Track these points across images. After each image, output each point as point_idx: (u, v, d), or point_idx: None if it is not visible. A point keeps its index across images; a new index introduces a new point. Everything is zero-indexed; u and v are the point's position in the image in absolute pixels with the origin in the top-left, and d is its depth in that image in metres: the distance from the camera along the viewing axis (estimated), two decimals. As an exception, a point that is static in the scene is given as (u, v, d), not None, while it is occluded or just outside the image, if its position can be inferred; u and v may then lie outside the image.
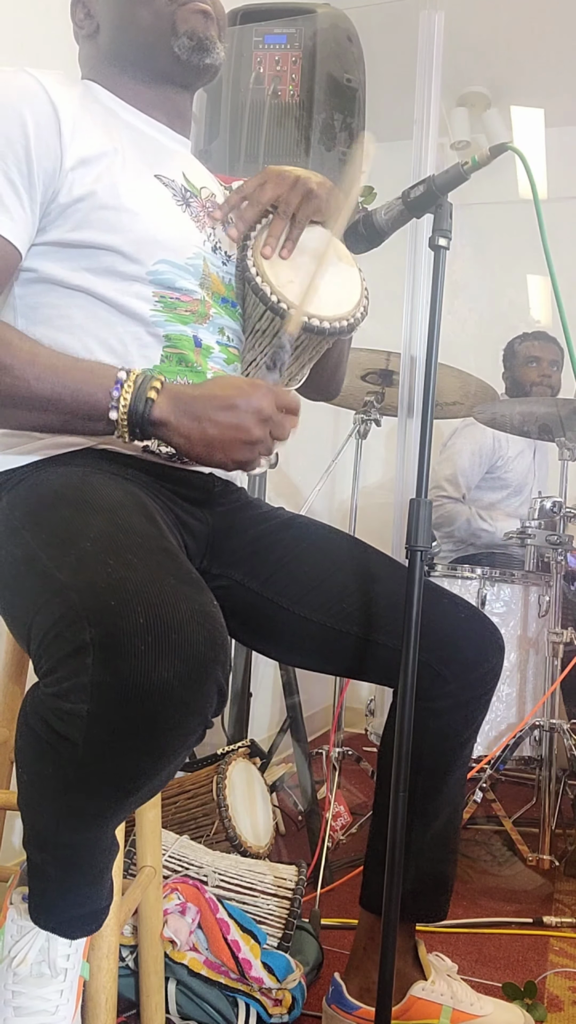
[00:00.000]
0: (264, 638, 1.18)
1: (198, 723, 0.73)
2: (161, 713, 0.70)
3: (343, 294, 1.12)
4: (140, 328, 1.03)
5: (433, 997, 1.18)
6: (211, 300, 1.10)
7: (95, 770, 0.72)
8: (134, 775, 0.73)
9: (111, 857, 0.83)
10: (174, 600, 0.72)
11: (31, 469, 0.99)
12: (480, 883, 1.85)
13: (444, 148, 3.31)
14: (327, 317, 1.07)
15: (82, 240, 1.01)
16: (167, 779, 0.79)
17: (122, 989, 1.16)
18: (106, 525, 0.82)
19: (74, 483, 0.93)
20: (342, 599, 1.12)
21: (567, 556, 2.04)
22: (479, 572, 2.07)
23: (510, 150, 1.03)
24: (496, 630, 1.16)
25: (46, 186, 0.99)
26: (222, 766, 1.57)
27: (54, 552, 0.81)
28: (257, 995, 1.21)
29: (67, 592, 0.74)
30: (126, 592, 0.72)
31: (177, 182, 1.12)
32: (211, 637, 0.73)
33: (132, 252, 1.02)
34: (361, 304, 1.13)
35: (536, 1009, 1.30)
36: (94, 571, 0.75)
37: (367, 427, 2.27)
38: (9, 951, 0.79)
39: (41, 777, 0.75)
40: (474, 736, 1.18)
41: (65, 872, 0.78)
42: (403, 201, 1.08)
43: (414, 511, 1.02)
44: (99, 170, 1.02)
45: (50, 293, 1.02)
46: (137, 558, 0.77)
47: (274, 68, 1.69)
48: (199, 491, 1.11)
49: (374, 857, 1.20)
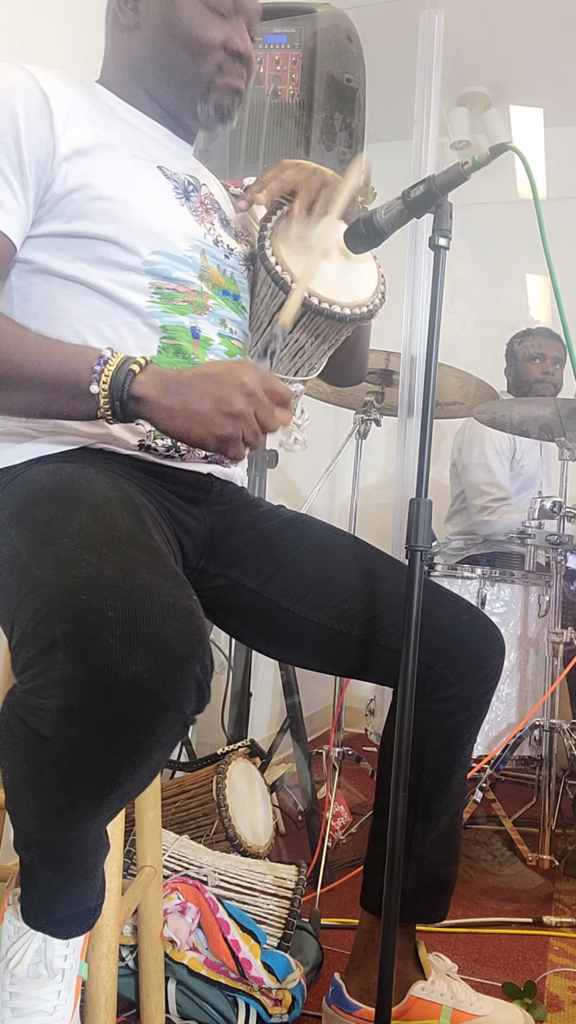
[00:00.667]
0: (264, 638, 1.18)
1: (173, 719, 0.72)
2: (132, 708, 0.69)
3: (360, 282, 1.14)
4: (136, 319, 1.03)
5: (433, 997, 1.18)
6: (210, 292, 1.10)
7: (70, 766, 0.71)
8: (109, 772, 0.73)
9: (100, 856, 0.82)
10: (147, 594, 0.72)
11: (26, 467, 0.99)
12: (480, 883, 1.85)
13: (444, 148, 3.31)
14: (347, 304, 1.09)
15: (77, 231, 1.01)
16: (149, 777, 0.78)
17: (122, 989, 1.16)
18: (87, 521, 0.82)
19: (62, 480, 0.92)
20: (343, 599, 1.12)
21: (567, 556, 2.04)
22: (479, 572, 2.07)
23: (510, 150, 1.03)
24: (497, 632, 1.16)
25: (39, 177, 0.99)
26: (222, 766, 1.57)
27: (35, 549, 0.80)
28: (257, 995, 1.21)
29: (42, 588, 0.74)
30: (98, 587, 0.71)
31: (180, 176, 1.12)
32: (185, 631, 0.71)
33: (127, 242, 1.02)
34: (379, 292, 1.15)
35: (536, 1009, 1.30)
36: (69, 567, 0.75)
37: (367, 427, 2.27)
38: (7, 952, 0.79)
39: (20, 775, 0.75)
40: (475, 737, 1.19)
41: (52, 871, 0.78)
42: (403, 201, 1.08)
43: (414, 511, 1.02)
44: (94, 161, 1.02)
45: (46, 284, 1.02)
46: (114, 553, 0.76)
47: (274, 68, 1.69)
48: (196, 490, 1.11)
49: (375, 858, 1.20)
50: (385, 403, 2.25)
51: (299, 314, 1.07)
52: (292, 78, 1.68)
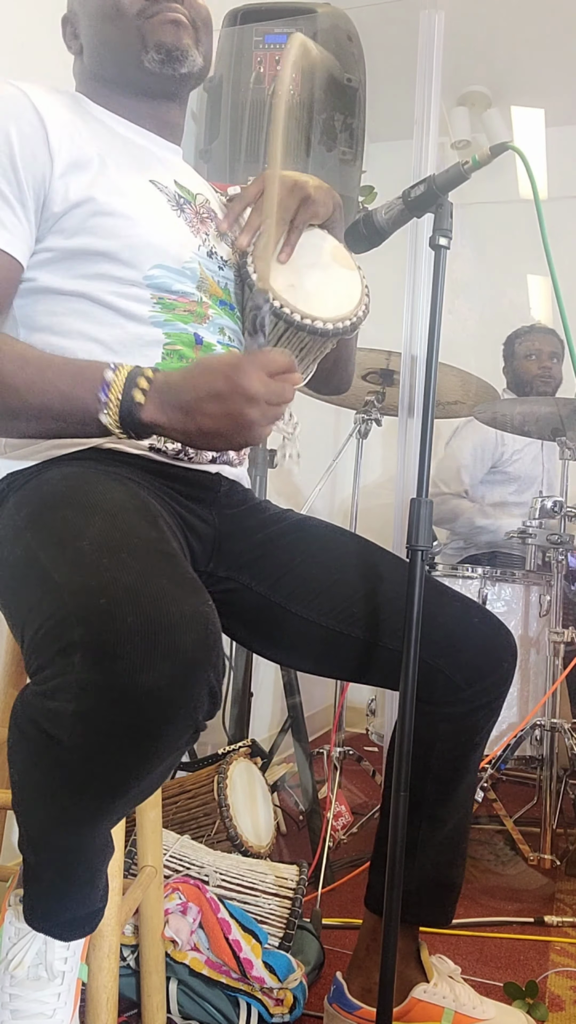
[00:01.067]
0: (269, 641, 1.17)
1: (187, 726, 0.72)
2: (148, 715, 0.69)
3: (344, 295, 1.13)
4: (139, 328, 1.04)
5: (435, 999, 1.18)
6: (209, 302, 1.10)
7: (82, 771, 0.71)
8: (122, 776, 0.73)
9: (106, 858, 0.82)
10: (165, 602, 0.72)
11: (37, 470, 0.99)
12: (481, 882, 1.85)
13: (444, 147, 3.31)
14: (329, 319, 1.08)
15: (78, 247, 1.01)
16: (159, 781, 0.78)
17: (123, 989, 1.16)
18: (105, 526, 0.82)
19: (78, 484, 0.92)
20: (350, 603, 1.12)
21: (568, 555, 2.04)
22: (480, 572, 2.07)
23: (511, 149, 1.03)
24: (508, 634, 1.15)
25: (37, 194, 0.99)
26: (223, 766, 1.57)
27: (52, 552, 0.80)
28: (258, 995, 1.21)
29: (60, 591, 0.74)
30: (117, 593, 0.71)
31: (170, 188, 1.12)
32: (202, 639, 0.72)
33: (128, 258, 1.02)
34: (362, 304, 1.13)
35: (537, 1009, 1.30)
36: (88, 571, 0.74)
37: (368, 427, 2.27)
38: (7, 954, 0.79)
39: (31, 778, 0.75)
40: (485, 740, 1.17)
41: (59, 874, 0.78)
42: (403, 201, 1.08)
43: (415, 510, 1.02)
44: (91, 176, 1.02)
45: (48, 301, 1.02)
46: (133, 559, 0.76)
47: (274, 68, 1.69)
48: (205, 490, 1.11)
49: (379, 859, 1.19)
50: (386, 403, 2.25)
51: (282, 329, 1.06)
52: (292, 78, 1.68)
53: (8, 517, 0.94)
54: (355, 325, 1.11)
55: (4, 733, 1.01)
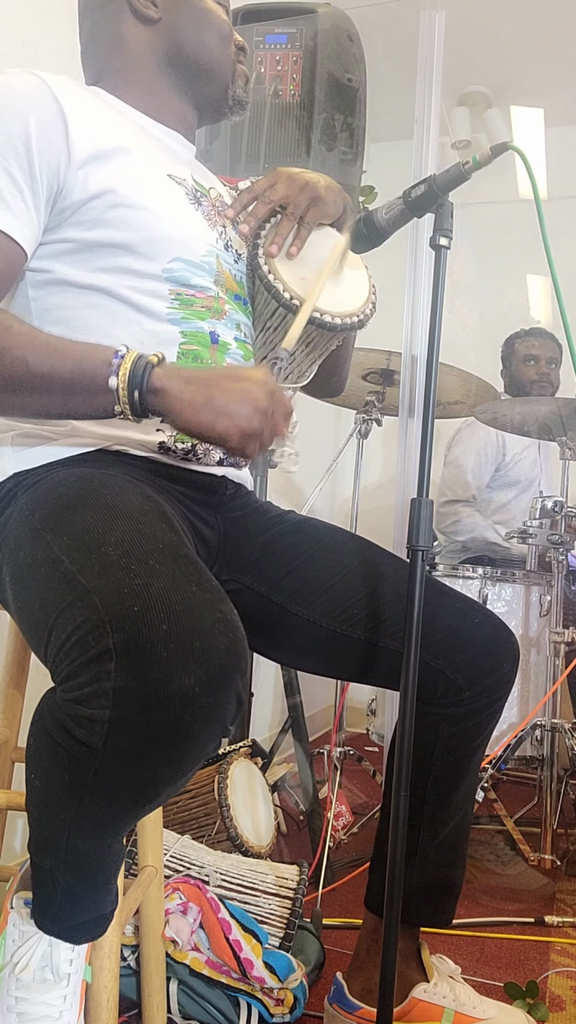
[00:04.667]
0: (271, 642, 1.17)
1: (218, 730, 0.73)
2: (182, 720, 0.69)
3: (352, 292, 1.15)
4: (156, 325, 1.03)
5: (435, 999, 1.18)
6: (225, 297, 1.11)
7: (114, 777, 0.71)
8: (153, 782, 0.73)
9: (120, 862, 0.82)
10: (198, 608, 0.72)
11: (46, 470, 0.98)
12: (482, 883, 1.85)
13: (445, 147, 3.31)
14: (338, 313, 1.09)
15: (96, 239, 1.01)
16: (183, 785, 0.78)
17: (124, 989, 1.16)
18: (128, 531, 0.81)
19: (93, 486, 0.91)
20: (351, 603, 1.12)
21: (568, 556, 2.04)
22: (480, 572, 2.07)
23: (511, 149, 1.03)
24: (511, 635, 1.15)
25: (51, 183, 0.98)
26: (223, 766, 1.57)
27: (77, 556, 0.79)
28: (259, 995, 1.21)
29: (90, 596, 0.73)
30: (149, 598, 0.71)
31: (188, 182, 1.13)
32: (232, 645, 0.72)
33: (147, 250, 1.02)
34: (369, 302, 1.15)
35: (538, 1009, 1.30)
36: (118, 576, 0.74)
37: (368, 427, 2.27)
38: (11, 957, 0.78)
39: (56, 783, 0.74)
40: (486, 742, 1.17)
41: (75, 878, 0.78)
42: (404, 201, 1.08)
43: (415, 511, 1.02)
44: (112, 167, 1.01)
45: (64, 293, 1.02)
46: (160, 564, 0.76)
47: (275, 68, 1.69)
48: (211, 493, 1.11)
49: (380, 859, 1.19)
50: (386, 403, 2.25)
51: (290, 323, 1.07)
52: (293, 78, 1.68)
53: (22, 517, 0.92)
54: (362, 322, 1.12)
55: (5, 734, 1.01)
